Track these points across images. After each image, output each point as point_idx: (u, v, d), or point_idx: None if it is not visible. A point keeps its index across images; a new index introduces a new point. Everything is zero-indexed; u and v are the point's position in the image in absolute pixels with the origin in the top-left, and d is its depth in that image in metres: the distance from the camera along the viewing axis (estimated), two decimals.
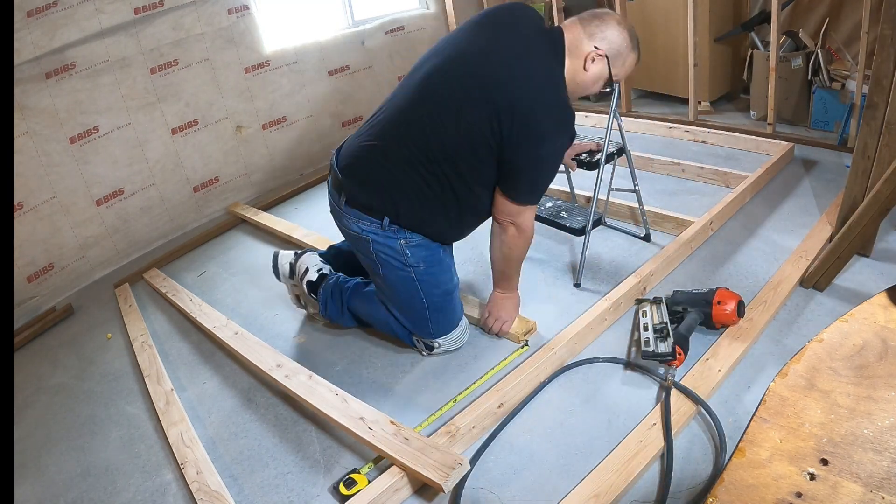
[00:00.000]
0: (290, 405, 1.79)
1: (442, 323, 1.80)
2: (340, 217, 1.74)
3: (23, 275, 2.60)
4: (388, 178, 1.63)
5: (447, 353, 1.86)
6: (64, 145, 2.69)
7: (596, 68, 1.61)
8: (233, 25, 3.21)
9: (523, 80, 1.51)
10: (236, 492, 1.50)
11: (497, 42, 1.56)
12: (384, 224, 1.66)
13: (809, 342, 0.94)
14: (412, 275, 1.71)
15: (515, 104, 1.48)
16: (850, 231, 1.79)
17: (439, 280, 1.76)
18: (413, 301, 1.75)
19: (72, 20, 2.62)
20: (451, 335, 1.82)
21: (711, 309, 1.71)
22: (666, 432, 1.41)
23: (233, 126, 3.35)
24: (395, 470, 1.40)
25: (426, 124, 1.56)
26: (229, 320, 2.13)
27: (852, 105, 2.84)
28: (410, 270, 1.71)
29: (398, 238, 1.67)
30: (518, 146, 1.52)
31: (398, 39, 4.09)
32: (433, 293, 1.75)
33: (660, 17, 3.71)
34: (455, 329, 1.83)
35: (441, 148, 1.56)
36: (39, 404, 2.02)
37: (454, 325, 1.82)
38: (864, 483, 0.71)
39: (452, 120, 1.53)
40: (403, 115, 1.61)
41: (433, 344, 1.82)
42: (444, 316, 1.79)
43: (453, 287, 1.80)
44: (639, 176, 2.29)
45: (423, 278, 1.72)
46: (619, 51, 1.62)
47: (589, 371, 1.72)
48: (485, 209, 1.72)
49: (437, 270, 1.75)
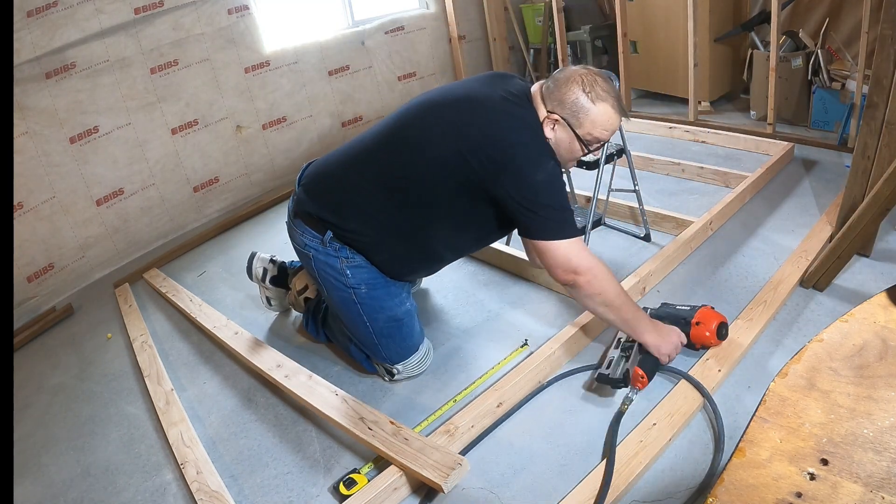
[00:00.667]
0: (290, 405, 1.79)
1: (394, 349, 1.72)
2: (292, 232, 1.72)
3: (23, 275, 2.60)
4: (341, 193, 1.62)
5: (409, 378, 1.79)
6: (64, 145, 2.69)
7: (559, 134, 1.52)
8: (233, 25, 3.21)
9: (492, 116, 1.48)
10: (236, 492, 1.50)
11: (474, 90, 1.55)
12: (325, 239, 1.61)
13: (809, 342, 0.94)
14: (353, 297, 1.65)
15: (483, 137, 1.45)
16: (850, 231, 1.79)
17: (383, 305, 1.68)
18: (358, 325, 1.69)
19: (72, 20, 2.62)
20: (408, 361, 1.75)
21: (690, 329, 1.61)
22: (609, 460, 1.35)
23: (233, 126, 3.35)
24: (393, 469, 1.40)
25: (395, 150, 1.55)
26: (229, 320, 2.13)
27: (852, 105, 2.84)
28: (351, 292, 1.64)
29: (339, 256, 1.62)
30: (497, 177, 1.45)
31: (398, 39, 4.09)
32: (377, 318, 1.67)
33: (660, 17, 3.71)
34: (413, 355, 1.75)
35: (404, 176, 1.54)
36: (39, 404, 2.02)
37: (410, 352, 1.74)
38: (864, 483, 0.71)
39: (420, 150, 1.52)
40: (375, 141, 1.61)
41: (392, 370, 1.75)
42: (394, 342, 1.71)
43: (403, 314, 1.71)
44: (639, 176, 2.30)
45: (365, 301, 1.66)
46: (576, 109, 1.48)
47: (584, 375, 1.72)
48: (436, 251, 1.68)
49: (382, 294, 1.67)
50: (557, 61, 4.27)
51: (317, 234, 1.63)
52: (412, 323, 1.74)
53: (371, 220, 1.60)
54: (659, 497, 1.30)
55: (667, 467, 1.37)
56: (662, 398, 1.53)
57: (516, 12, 4.64)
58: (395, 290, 1.71)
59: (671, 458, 1.39)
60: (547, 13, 4.35)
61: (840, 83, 2.97)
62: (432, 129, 1.52)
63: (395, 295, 1.70)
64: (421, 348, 1.77)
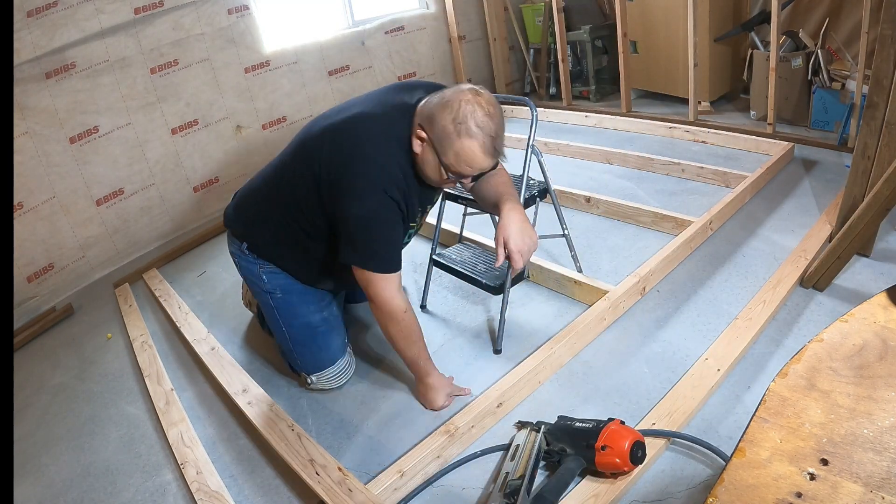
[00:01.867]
0: (291, 406, 1.79)
1: (309, 358, 1.72)
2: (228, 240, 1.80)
3: (23, 275, 2.60)
4: (254, 209, 1.69)
5: (324, 391, 1.77)
6: (64, 145, 2.69)
7: (426, 154, 1.45)
8: (233, 25, 3.21)
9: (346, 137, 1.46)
10: (236, 492, 1.50)
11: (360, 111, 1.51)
12: (243, 247, 1.70)
13: (809, 342, 0.94)
14: (270, 301, 1.70)
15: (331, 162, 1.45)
16: (850, 231, 1.79)
17: (297, 311, 1.70)
18: (276, 330, 1.74)
19: (72, 20, 2.62)
20: (324, 373, 1.74)
21: (594, 455, 1.30)
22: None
23: (233, 126, 3.35)
24: (394, 469, 1.39)
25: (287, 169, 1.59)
26: (209, 333, 2.11)
27: (852, 105, 2.84)
28: (268, 297, 1.70)
29: (256, 263, 1.69)
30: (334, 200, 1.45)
31: (398, 39, 4.09)
32: (292, 324, 1.70)
33: (660, 17, 3.71)
34: (329, 367, 1.74)
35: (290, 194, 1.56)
36: (39, 404, 2.02)
37: (326, 364, 1.73)
38: (864, 483, 0.71)
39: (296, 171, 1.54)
40: (280, 158, 1.66)
41: (308, 379, 1.75)
42: (309, 351, 1.72)
43: (318, 322, 1.72)
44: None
45: (280, 306, 1.70)
46: (442, 136, 1.39)
47: (587, 369, 1.72)
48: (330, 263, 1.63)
49: (296, 301, 1.70)
50: (557, 61, 4.27)
51: (237, 241, 1.72)
52: (328, 333, 1.74)
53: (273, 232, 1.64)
54: (659, 497, 1.30)
55: (667, 467, 1.37)
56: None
57: (516, 12, 4.64)
58: (312, 297, 1.73)
59: (671, 458, 1.39)
60: (547, 13, 4.35)
61: (840, 83, 2.97)
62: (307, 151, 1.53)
63: (311, 302, 1.72)
64: (339, 362, 1.76)
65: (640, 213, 2.46)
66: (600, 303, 1.88)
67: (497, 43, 4.62)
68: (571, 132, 3.82)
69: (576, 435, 1.35)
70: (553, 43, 4.30)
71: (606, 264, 2.23)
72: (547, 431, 1.43)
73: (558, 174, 3.13)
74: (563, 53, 4.14)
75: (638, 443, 1.30)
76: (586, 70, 4.34)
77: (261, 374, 1.92)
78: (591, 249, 2.36)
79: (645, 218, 2.44)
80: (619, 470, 1.30)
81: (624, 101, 3.91)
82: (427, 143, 1.43)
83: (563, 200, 2.76)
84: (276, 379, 1.90)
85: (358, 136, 1.45)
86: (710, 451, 1.36)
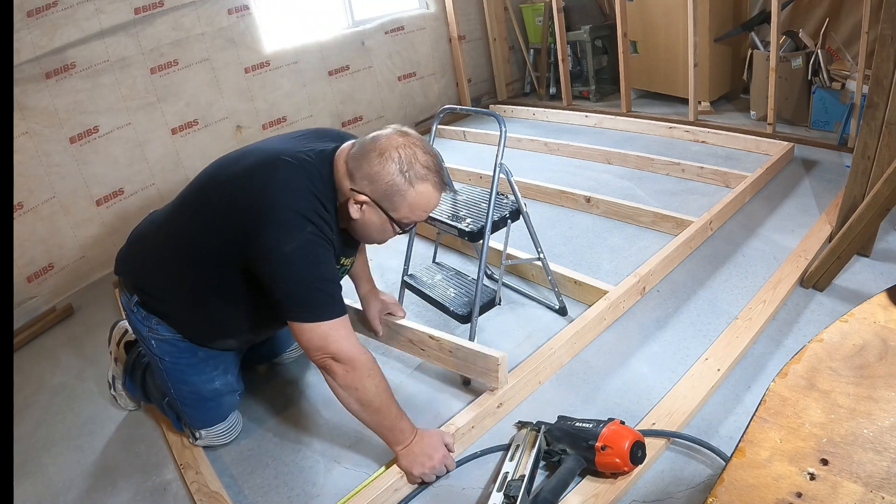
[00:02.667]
0: (290, 404, 1.79)
1: (197, 418, 1.60)
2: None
3: (23, 275, 2.60)
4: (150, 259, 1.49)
5: (212, 447, 1.65)
6: (64, 145, 2.69)
7: (369, 216, 1.32)
8: (233, 25, 3.21)
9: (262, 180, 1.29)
10: (236, 492, 1.50)
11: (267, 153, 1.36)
12: (132, 302, 1.51)
13: (809, 342, 0.94)
14: (159, 364, 1.54)
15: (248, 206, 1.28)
16: (850, 231, 1.79)
17: (188, 379, 1.55)
18: (165, 387, 1.59)
19: (72, 20, 2.62)
20: (213, 429, 1.61)
21: (594, 455, 1.30)
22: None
23: (233, 126, 3.35)
24: (395, 470, 1.40)
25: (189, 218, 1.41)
26: None
27: (852, 105, 2.84)
28: (157, 360, 1.54)
29: (145, 325, 1.50)
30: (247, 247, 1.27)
31: (398, 39, 4.10)
32: (181, 389, 1.56)
33: (660, 17, 3.72)
34: (219, 424, 1.62)
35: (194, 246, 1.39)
36: (39, 404, 2.02)
37: (215, 421, 1.61)
38: (864, 483, 0.71)
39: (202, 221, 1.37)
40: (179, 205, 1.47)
41: (195, 433, 1.61)
42: (198, 413, 1.59)
43: (211, 393, 1.57)
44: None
45: (170, 371, 1.54)
46: (390, 193, 1.28)
47: (587, 369, 1.72)
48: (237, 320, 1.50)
49: (188, 370, 1.54)
50: (557, 61, 4.27)
51: (128, 294, 1.53)
52: (218, 401, 1.60)
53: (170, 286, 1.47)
54: (659, 497, 1.30)
55: (667, 467, 1.37)
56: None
57: (516, 12, 4.65)
58: (205, 365, 1.56)
59: (671, 458, 1.39)
60: (547, 13, 4.35)
61: (840, 83, 2.97)
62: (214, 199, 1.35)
63: (204, 371, 1.56)
64: (230, 418, 1.64)
65: (640, 213, 2.46)
66: (600, 303, 1.88)
67: (497, 43, 4.63)
68: (571, 132, 3.82)
69: (576, 435, 1.35)
70: (553, 43, 4.30)
71: (606, 264, 2.23)
72: (547, 431, 1.42)
73: (558, 174, 3.13)
74: (563, 53, 4.14)
75: (638, 443, 1.29)
76: (586, 70, 4.34)
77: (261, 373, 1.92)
78: (591, 249, 2.36)
79: (645, 218, 2.44)
80: (619, 470, 1.29)
81: (624, 101, 3.91)
82: (369, 204, 1.30)
83: (563, 200, 2.76)
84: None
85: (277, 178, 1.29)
86: (710, 452, 1.36)
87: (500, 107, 4.55)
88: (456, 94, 4.60)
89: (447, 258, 2.34)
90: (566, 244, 2.42)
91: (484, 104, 4.77)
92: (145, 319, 1.50)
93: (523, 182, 2.88)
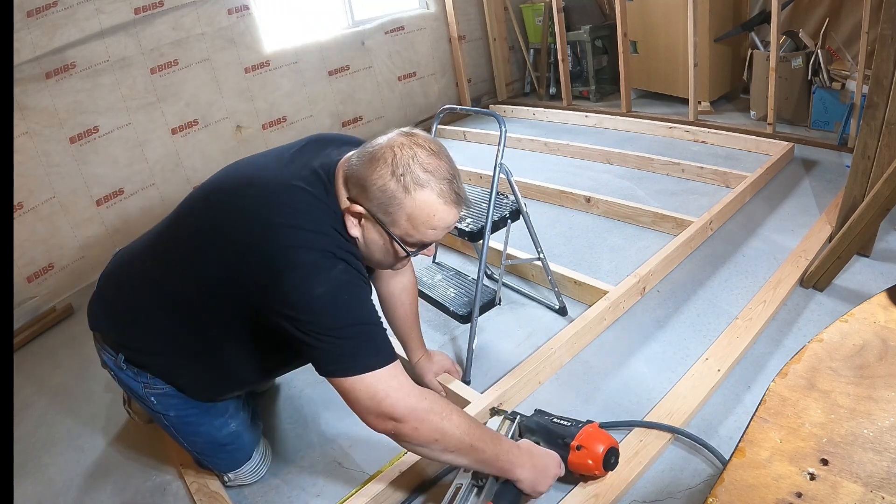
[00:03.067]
0: (288, 406, 1.79)
1: (221, 464, 1.46)
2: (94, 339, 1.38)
3: (23, 275, 2.60)
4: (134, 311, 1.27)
5: (242, 486, 1.52)
6: (64, 145, 2.69)
7: (369, 234, 1.12)
8: (233, 25, 3.21)
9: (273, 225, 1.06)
10: (236, 492, 1.50)
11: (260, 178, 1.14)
12: (119, 360, 1.31)
13: (809, 342, 0.94)
14: (164, 420, 1.36)
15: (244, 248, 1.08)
16: (850, 231, 1.79)
17: (200, 430, 1.38)
18: (177, 442, 1.42)
19: (72, 20, 2.62)
20: (241, 470, 1.47)
21: (568, 453, 1.27)
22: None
23: (233, 126, 3.35)
24: (394, 470, 1.40)
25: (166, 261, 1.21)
26: None
27: (852, 105, 2.84)
28: (160, 416, 1.35)
29: (139, 381, 1.31)
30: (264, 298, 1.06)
31: (398, 39, 4.10)
32: (195, 442, 1.40)
33: (660, 17, 3.72)
34: (246, 464, 1.47)
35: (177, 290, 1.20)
36: (39, 404, 2.02)
37: (241, 462, 1.46)
38: (864, 483, 0.71)
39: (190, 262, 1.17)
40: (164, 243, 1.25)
41: (224, 478, 1.49)
42: (220, 460, 1.45)
43: (225, 437, 1.41)
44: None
45: (177, 425, 1.36)
46: (384, 201, 1.06)
47: (587, 369, 1.72)
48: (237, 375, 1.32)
49: (198, 420, 1.37)
50: (557, 61, 4.27)
51: (112, 352, 1.32)
52: (239, 442, 1.45)
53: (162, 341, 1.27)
54: (659, 497, 1.30)
55: (666, 467, 1.37)
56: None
57: (516, 12, 4.65)
58: (215, 409, 1.40)
59: (671, 458, 1.39)
60: (547, 13, 4.35)
61: (840, 83, 2.97)
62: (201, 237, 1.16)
63: (215, 416, 1.39)
64: (255, 456, 1.49)
65: (640, 213, 2.46)
66: (600, 303, 1.88)
67: (497, 43, 4.63)
68: (571, 132, 3.82)
69: (552, 431, 1.32)
70: (553, 43, 4.30)
71: (606, 264, 2.23)
72: (522, 423, 1.39)
73: (558, 174, 3.14)
74: (563, 53, 4.14)
75: (613, 449, 1.28)
76: (586, 70, 4.34)
77: None
78: (591, 249, 2.36)
79: (645, 218, 2.44)
80: (591, 473, 1.27)
81: (624, 101, 3.91)
82: (367, 218, 1.10)
83: (563, 200, 2.76)
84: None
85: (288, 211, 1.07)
86: (710, 452, 1.36)
87: (500, 107, 4.55)
88: (456, 94, 4.60)
89: (447, 258, 2.34)
90: (566, 244, 2.42)
91: (484, 104, 4.77)
92: (138, 375, 1.30)
93: (523, 182, 2.88)
